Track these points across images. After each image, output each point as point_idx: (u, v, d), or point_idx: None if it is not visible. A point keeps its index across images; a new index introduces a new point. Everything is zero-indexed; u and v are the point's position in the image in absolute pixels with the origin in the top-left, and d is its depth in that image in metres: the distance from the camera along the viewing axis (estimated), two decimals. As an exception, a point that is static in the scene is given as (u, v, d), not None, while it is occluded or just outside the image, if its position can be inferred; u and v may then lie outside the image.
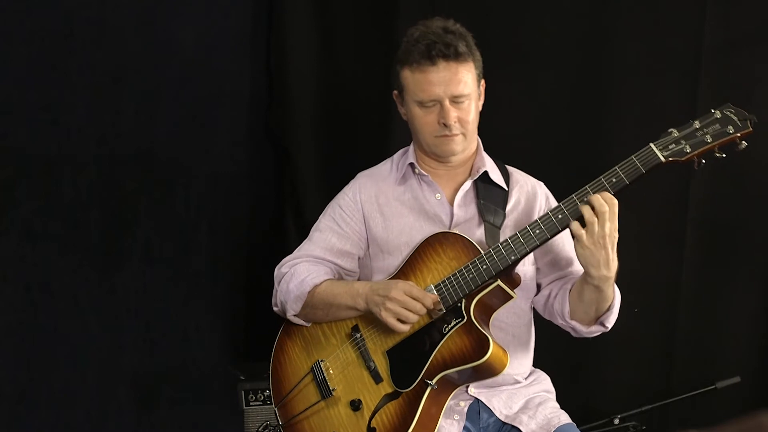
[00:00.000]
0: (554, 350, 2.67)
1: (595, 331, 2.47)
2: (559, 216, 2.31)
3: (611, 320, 2.46)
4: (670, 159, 2.25)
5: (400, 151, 2.68)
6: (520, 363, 2.55)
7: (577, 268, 2.51)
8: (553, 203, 2.60)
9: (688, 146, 2.25)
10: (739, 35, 3.54)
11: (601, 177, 2.29)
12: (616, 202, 2.27)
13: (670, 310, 3.61)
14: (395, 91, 2.57)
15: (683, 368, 3.65)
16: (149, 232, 3.55)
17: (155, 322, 3.58)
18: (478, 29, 3.53)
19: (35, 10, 3.34)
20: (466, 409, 2.46)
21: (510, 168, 2.64)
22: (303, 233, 2.70)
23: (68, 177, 3.44)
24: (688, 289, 3.62)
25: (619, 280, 2.46)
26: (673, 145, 2.25)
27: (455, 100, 2.45)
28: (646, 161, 2.26)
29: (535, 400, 2.52)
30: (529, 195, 2.59)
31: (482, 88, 2.56)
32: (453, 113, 2.45)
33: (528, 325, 2.60)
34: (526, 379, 2.57)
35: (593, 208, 2.26)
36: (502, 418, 2.47)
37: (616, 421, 3.53)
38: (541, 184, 2.65)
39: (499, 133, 3.44)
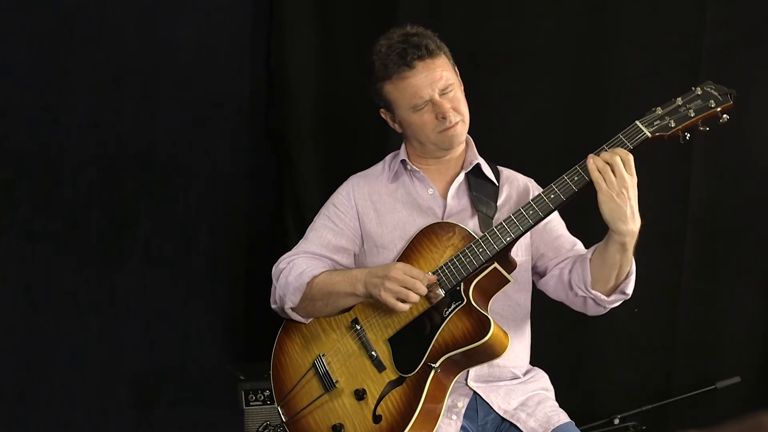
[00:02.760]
0: (554, 350, 2.67)
1: (615, 300, 2.48)
2: (551, 196, 2.35)
3: (631, 287, 2.47)
4: (657, 134, 2.32)
5: (392, 154, 2.72)
6: (517, 356, 2.57)
7: (581, 247, 2.58)
8: None
9: (672, 121, 2.32)
10: (739, 35, 3.54)
11: (589, 155, 2.34)
12: (631, 156, 2.31)
13: (670, 310, 3.61)
14: (382, 109, 2.63)
15: (683, 368, 3.64)
16: (149, 232, 3.55)
17: (155, 322, 3.58)
18: (477, 30, 3.56)
19: (35, 10, 3.34)
20: (464, 410, 2.47)
21: (500, 167, 2.69)
22: (303, 233, 2.70)
23: (68, 177, 3.44)
24: (688, 289, 3.62)
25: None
26: (658, 121, 2.33)
27: (443, 92, 2.50)
28: (632, 137, 2.33)
29: (534, 399, 2.53)
30: (520, 189, 2.65)
31: (457, 74, 2.62)
32: (446, 104, 2.50)
33: (524, 319, 2.62)
34: (524, 375, 2.59)
35: (605, 160, 2.30)
36: (501, 413, 2.48)
37: (616, 421, 3.52)
38: (532, 180, 2.70)
39: (499, 134, 3.46)
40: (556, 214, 2.57)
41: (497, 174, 2.65)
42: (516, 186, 2.65)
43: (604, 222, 2.33)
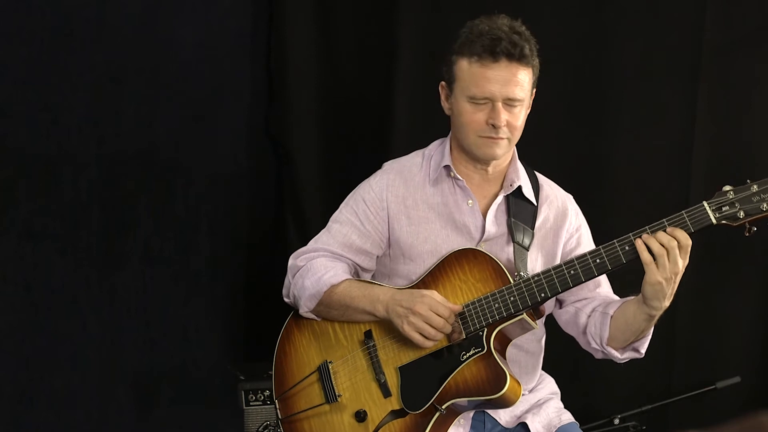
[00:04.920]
0: (554, 351, 2.66)
1: (628, 357, 2.41)
2: (598, 261, 2.24)
3: (645, 346, 2.40)
4: (723, 222, 2.20)
5: (435, 144, 2.55)
6: (530, 378, 2.51)
7: (605, 290, 2.48)
8: (582, 219, 2.54)
9: (742, 212, 2.18)
10: (739, 35, 3.54)
11: (646, 227, 2.22)
12: (690, 242, 2.20)
13: (670, 311, 3.60)
14: (442, 82, 2.44)
15: (683, 368, 3.65)
16: (149, 232, 3.55)
17: (155, 322, 3.58)
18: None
19: (35, 10, 3.34)
20: (472, 413, 2.43)
21: (541, 178, 2.55)
22: (303, 233, 2.69)
23: (68, 177, 3.44)
24: (688, 289, 3.61)
25: (620, 279, 2.45)
26: (727, 208, 2.18)
27: (508, 102, 2.34)
28: (696, 220, 2.20)
29: (539, 402, 2.51)
30: (559, 212, 2.51)
31: (532, 97, 2.45)
32: (503, 115, 2.34)
33: (541, 340, 2.54)
34: (530, 391, 2.53)
35: (662, 243, 2.19)
36: (508, 427, 2.45)
37: (616, 421, 3.53)
38: (571, 198, 2.56)
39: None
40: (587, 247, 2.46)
41: (537, 189, 2.50)
42: (555, 207, 2.50)
43: (641, 293, 2.25)
